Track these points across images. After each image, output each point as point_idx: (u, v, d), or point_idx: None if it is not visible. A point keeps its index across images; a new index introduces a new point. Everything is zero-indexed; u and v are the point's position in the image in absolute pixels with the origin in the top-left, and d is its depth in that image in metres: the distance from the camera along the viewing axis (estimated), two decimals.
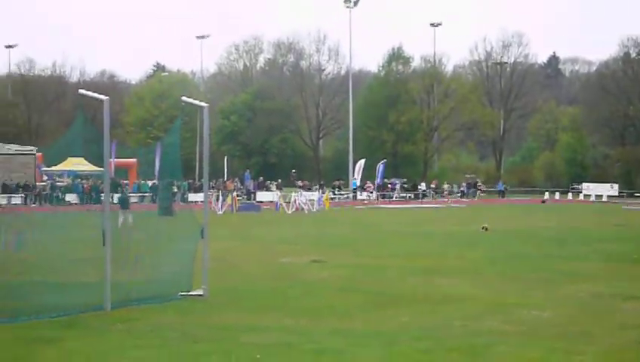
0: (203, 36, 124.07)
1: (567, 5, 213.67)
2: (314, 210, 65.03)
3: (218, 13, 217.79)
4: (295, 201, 64.79)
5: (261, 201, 79.71)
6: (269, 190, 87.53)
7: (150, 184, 73.61)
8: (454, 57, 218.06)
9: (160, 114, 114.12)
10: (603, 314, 17.45)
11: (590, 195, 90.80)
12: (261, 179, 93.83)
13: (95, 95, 18.77)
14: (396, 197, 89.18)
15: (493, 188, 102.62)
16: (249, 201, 79.68)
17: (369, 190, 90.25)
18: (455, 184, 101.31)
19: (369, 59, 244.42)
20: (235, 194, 72.32)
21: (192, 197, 73.48)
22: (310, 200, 67.87)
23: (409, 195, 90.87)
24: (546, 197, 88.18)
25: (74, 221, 23.51)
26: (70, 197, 72.41)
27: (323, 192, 77.85)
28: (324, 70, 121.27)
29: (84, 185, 74.24)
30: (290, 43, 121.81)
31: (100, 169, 19.99)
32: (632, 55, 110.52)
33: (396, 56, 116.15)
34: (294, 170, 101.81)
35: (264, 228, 45.76)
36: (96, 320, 16.63)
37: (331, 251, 31.13)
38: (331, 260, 27.69)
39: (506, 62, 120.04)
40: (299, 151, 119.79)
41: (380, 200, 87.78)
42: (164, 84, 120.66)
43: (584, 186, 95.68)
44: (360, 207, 74.24)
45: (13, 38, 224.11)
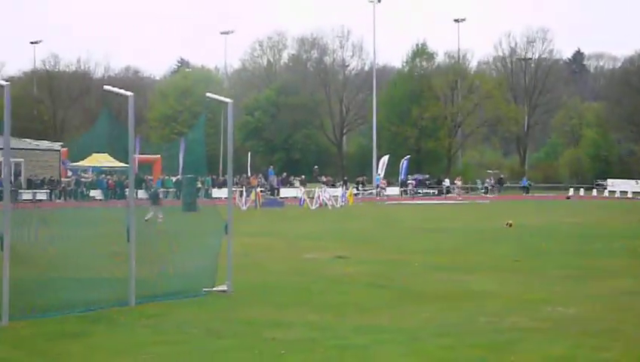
0: (227, 32, 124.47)
1: (592, 1, 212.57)
2: (337, 205, 65.08)
3: (242, 8, 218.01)
4: (319, 197, 64.84)
5: (285, 197, 79.81)
6: (292, 186, 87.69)
7: (174, 180, 73.88)
8: (478, 53, 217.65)
9: (184, 110, 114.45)
10: (628, 311, 17.35)
11: (615, 191, 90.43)
12: (284, 175, 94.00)
13: (120, 91, 18.80)
14: (411, 194, 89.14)
15: (517, 185, 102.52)
16: (272, 197, 79.79)
17: (382, 185, 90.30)
18: (479, 180, 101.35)
19: (393, 54, 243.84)
20: (259, 190, 72.44)
21: (216, 193, 73.64)
22: (334, 196, 67.93)
23: (432, 191, 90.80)
24: (571, 194, 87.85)
25: (98, 216, 23.58)
26: (95, 193, 72.76)
27: (347, 188, 77.92)
28: (347, 66, 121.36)
29: (108, 180, 74.58)
30: (314, 39, 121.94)
31: (125, 165, 20.02)
32: None
33: (420, 52, 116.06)
34: (316, 166, 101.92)
35: (288, 223, 45.82)
36: (121, 315, 16.68)
37: (355, 247, 31.13)
38: (355, 256, 27.67)
39: (531, 58, 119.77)
40: (322, 147, 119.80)
41: (404, 196, 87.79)
42: (188, 80, 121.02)
43: (609, 182, 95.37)
44: (383, 203, 74.20)
45: (38, 34, 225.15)
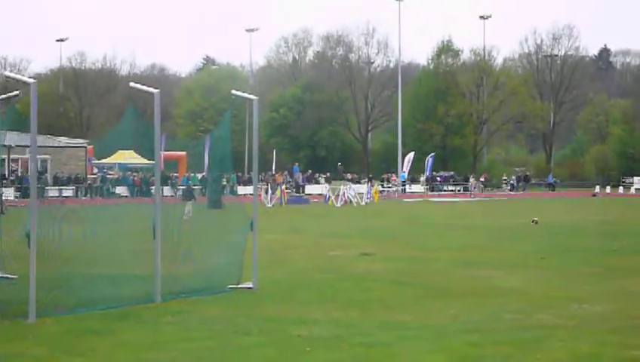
0: (252, 29, 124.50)
1: None
2: (363, 203, 65.04)
3: (267, 6, 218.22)
4: (343, 194, 64.79)
5: (310, 194, 79.83)
6: (317, 183, 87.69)
7: (200, 177, 74.03)
8: (504, 50, 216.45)
9: (209, 107, 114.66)
10: None
11: None
12: (310, 172, 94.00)
13: (146, 88, 18.84)
14: (437, 190, 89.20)
15: (543, 182, 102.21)
16: (298, 194, 79.83)
17: (394, 182, 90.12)
18: (505, 177, 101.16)
19: (418, 51, 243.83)
20: (284, 187, 72.50)
21: (241, 190, 73.78)
22: (359, 193, 67.89)
23: (458, 188, 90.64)
24: (597, 191, 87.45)
25: (125, 213, 23.68)
26: (120, 190, 72.99)
27: (372, 185, 77.86)
28: (373, 63, 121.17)
29: (134, 177, 74.81)
30: (340, 36, 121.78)
31: (150, 162, 20.07)
32: None
33: (445, 49, 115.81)
34: (340, 163, 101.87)
35: (313, 220, 45.84)
36: (147, 312, 16.74)
37: (380, 244, 31.12)
38: (380, 253, 27.66)
39: (557, 55, 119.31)
40: (348, 144, 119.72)
41: (429, 193, 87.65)
42: (213, 77, 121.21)
43: (635, 180, 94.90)
44: (409, 200, 74.14)
45: (64, 31, 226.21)
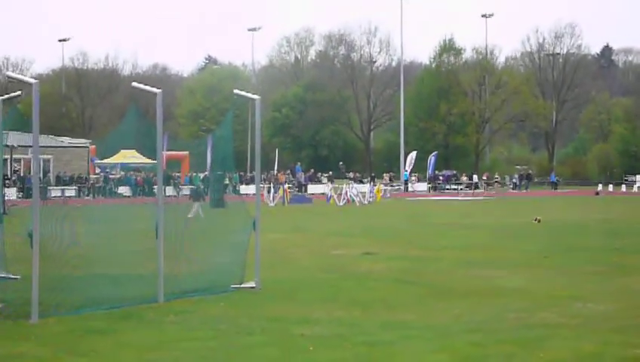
0: (254, 29, 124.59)
1: None
2: (365, 202, 65.03)
3: (269, 5, 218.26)
4: (346, 193, 64.79)
5: (312, 193, 79.84)
6: (320, 182, 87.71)
7: (202, 176, 74.03)
8: (506, 49, 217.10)
9: (211, 106, 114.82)
10: None
11: None
12: (312, 171, 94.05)
13: (148, 88, 18.85)
14: (440, 189, 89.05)
15: (545, 180, 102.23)
16: (300, 194, 79.84)
17: (384, 181, 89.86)
18: (507, 175, 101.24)
19: (420, 50, 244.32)
20: (287, 186, 72.51)
21: (244, 190, 73.72)
22: (361, 192, 67.89)
23: (460, 187, 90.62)
24: (600, 189, 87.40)
25: (127, 213, 23.67)
26: (123, 190, 72.96)
27: (374, 184, 77.86)
28: (375, 62, 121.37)
29: (136, 177, 74.80)
30: (342, 35, 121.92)
31: (153, 161, 20.08)
32: None
33: (447, 48, 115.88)
34: (341, 162, 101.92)
35: (315, 220, 45.83)
36: (150, 312, 16.74)
37: (383, 243, 31.09)
38: (383, 252, 27.64)
39: (559, 54, 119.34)
40: (350, 144, 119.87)
41: (432, 192, 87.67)
42: (215, 77, 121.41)
43: (638, 178, 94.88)
44: (411, 199, 74.13)
45: (66, 32, 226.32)
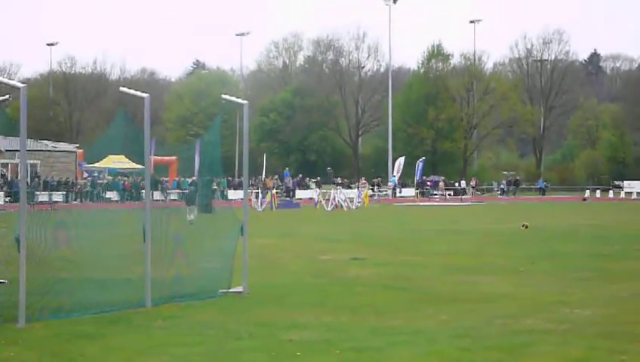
0: (243, 34, 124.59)
1: (608, 2, 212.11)
2: (353, 207, 65.06)
3: (257, 10, 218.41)
4: (334, 199, 64.83)
5: (300, 199, 79.85)
6: (308, 187, 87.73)
7: (189, 181, 74.01)
8: (494, 54, 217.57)
9: (199, 111, 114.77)
10: None
11: (632, 193, 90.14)
12: (300, 176, 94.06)
13: (136, 93, 18.84)
14: (428, 195, 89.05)
15: (533, 186, 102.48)
16: (288, 199, 79.84)
17: (363, 185, 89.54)
18: (495, 181, 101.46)
19: (408, 56, 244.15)
20: (275, 191, 72.50)
21: (232, 195, 73.69)
22: (349, 197, 67.93)
23: (448, 193, 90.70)
24: (587, 195, 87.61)
25: (115, 217, 23.60)
26: (110, 195, 72.89)
27: (362, 189, 77.91)
28: (363, 67, 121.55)
29: (124, 182, 74.74)
30: (330, 40, 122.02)
31: (141, 166, 20.04)
32: None
33: (436, 54, 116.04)
34: (329, 168, 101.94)
35: (303, 225, 45.84)
36: (138, 317, 16.71)
37: (371, 249, 31.11)
38: (371, 258, 27.66)
39: (547, 60, 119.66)
40: (338, 149, 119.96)
41: (419, 197, 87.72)
42: (203, 81, 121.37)
43: (625, 184, 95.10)
44: (399, 205, 74.18)
45: (54, 36, 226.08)
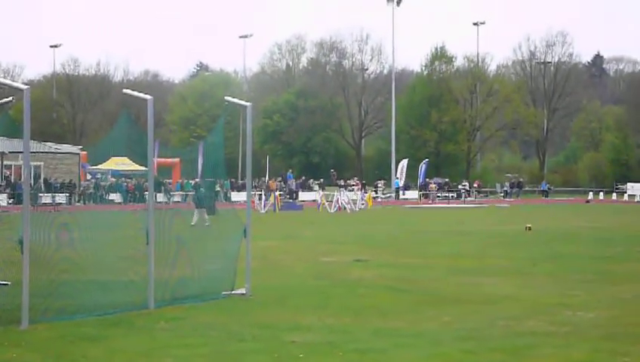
0: (246, 36, 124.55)
1: (611, 4, 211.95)
2: (356, 209, 65.04)
3: (261, 12, 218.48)
4: (337, 201, 64.82)
5: (303, 201, 79.82)
6: (311, 189, 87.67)
7: (193, 183, 73.97)
8: (497, 57, 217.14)
9: (203, 113, 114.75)
10: None
11: (635, 195, 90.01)
12: (303, 178, 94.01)
13: (139, 95, 18.84)
14: (432, 197, 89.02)
15: (536, 188, 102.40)
16: (291, 201, 79.83)
17: (357, 186, 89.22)
18: (498, 183, 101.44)
19: (412, 58, 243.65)
20: (278, 193, 72.49)
21: (235, 197, 73.67)
22: (352, 199, 67.92)
23: (451, 195, 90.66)
24: (590, 198, 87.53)
25: (118, 219, 23.62)
26: (114, 197, 72.85)
27: (365, 192, 77.89)
28: (366, 69, 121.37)
29: (127, 184, 74.72)
30: (333, 42, 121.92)
31: (144, 168, 20.05)
32: None
33: (439, 56, 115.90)
34: (333, 169, 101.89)
35: (306, 227, 45.83)
36: (141, 318, 16.71)
37: (374, 250, 31.10)
38: (374, 259, 27.65)
39: (550, 62, 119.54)
40: (341, 151, 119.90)
41: (423, 199, 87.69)
42: (206, 83, 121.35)
43: (629, 186, 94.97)
44: (402, 207, 74.15)
45: (57, 37, 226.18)
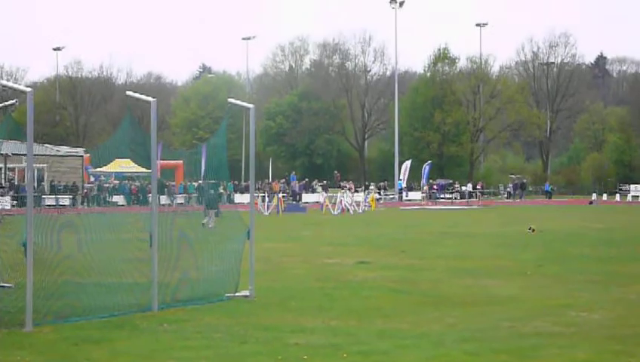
0: (249, 37, 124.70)
1: (614, 5, 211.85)
2: (360, 211, 65.02)
3: (264, 14, 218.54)
4: (340, 202, 64.79)
5: (306, 203, 79.78)
6: (314, 191, 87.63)
7: (196, 185, 73.98)
8: (500, 58, 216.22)
9: (206, 115, 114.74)
10: None
11: (638, 196, 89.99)
12: (306, 180, 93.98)
13: (142, 97, 18.85)
14: (434, 198, 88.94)
15: (539, 189, 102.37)
16: (295, 203, 79.81)
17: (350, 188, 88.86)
18: (502, 184, 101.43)
19: (415, 59, 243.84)
20: (281, 195, 72.49)
21: (238, 199, 73.75)
22: (356, 201, 67.90)
23: (455, 196, 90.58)
24: (594, 199, 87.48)
25: (122, 222, 23.60)
26: (117, 199, 72.91)
27: (368, 193, 77.86)
28: (369, 71, 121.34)
29: (131, 186, 74.75)
30: (336, 44, 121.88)
31: (147, 170, 20.03)
32: None
33: (442, 57, 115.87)
34: (336, 171, 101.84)
35: (310, 229, 45.80)
36: (144, 320, 16.69)
37: (377, 252, 31.09)
38: (377, 261, 27.62)
39: (553, 63, 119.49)
40: (344, 153, 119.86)
41: (426, 201, 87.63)
42: (209, 85, 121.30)
43: (632, 187, 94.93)
44: (405, 208, 74.12)
45: (61, 40, 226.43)
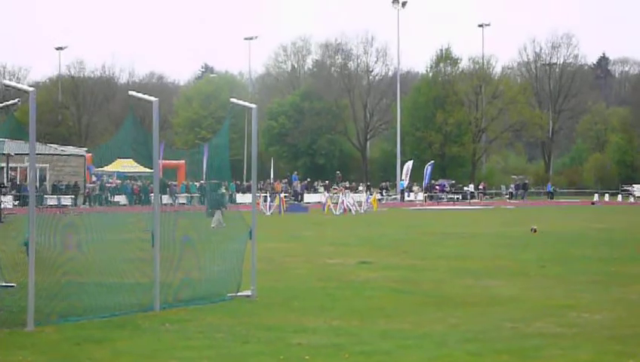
0: (251, 37, 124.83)
1: (616, 6, 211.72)
2: (361, 211, 65.00)
3: (266, 14, 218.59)
4: (342, 202, 64.77)
5: (308, 203, 79.77)
6: (316, 191, 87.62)
7: (198, 185, 73.97)
8: (503, 58, 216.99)
9: (208, 115, 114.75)
10: None
11: None
12: (308, 180, 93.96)
13: (145, 96, 18.84)
14: (436, 199, 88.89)
15: (542, 190, 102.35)
16: (296, 203, 79.81)
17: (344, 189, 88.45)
18: (504, 185, 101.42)
19: (417, 60, 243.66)
20: (283, 195, 72.47)
21: (240, 199, 73.70)
22: (358, 201, 67.89)
23: (457, 196, 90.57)
24: (596, 199, 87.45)
25: (124, 221, 23.61)
26: (119, 198, 72.87)
27: (370, 193, 77.84)
28: (371, 71, 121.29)
29: (133, 186, 74.72)
30: (338, 44, 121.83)
31: (149, 170, 20.02)
32: None
33: (444, 57, 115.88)
34: (338, 171, 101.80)
35: (312, 229, 45.79)
36: (146, 320, 16.68)
37: (379, 252, 31.08)
38: (379, 261, 27.61)
39: (555, 63, 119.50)
40: (346, 153, 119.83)
41: (428, 201, 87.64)
42: (212, 85, 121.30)
43: (634, 188, 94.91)
44: (407, 209, 74.10)
45: (63, 40, 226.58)
